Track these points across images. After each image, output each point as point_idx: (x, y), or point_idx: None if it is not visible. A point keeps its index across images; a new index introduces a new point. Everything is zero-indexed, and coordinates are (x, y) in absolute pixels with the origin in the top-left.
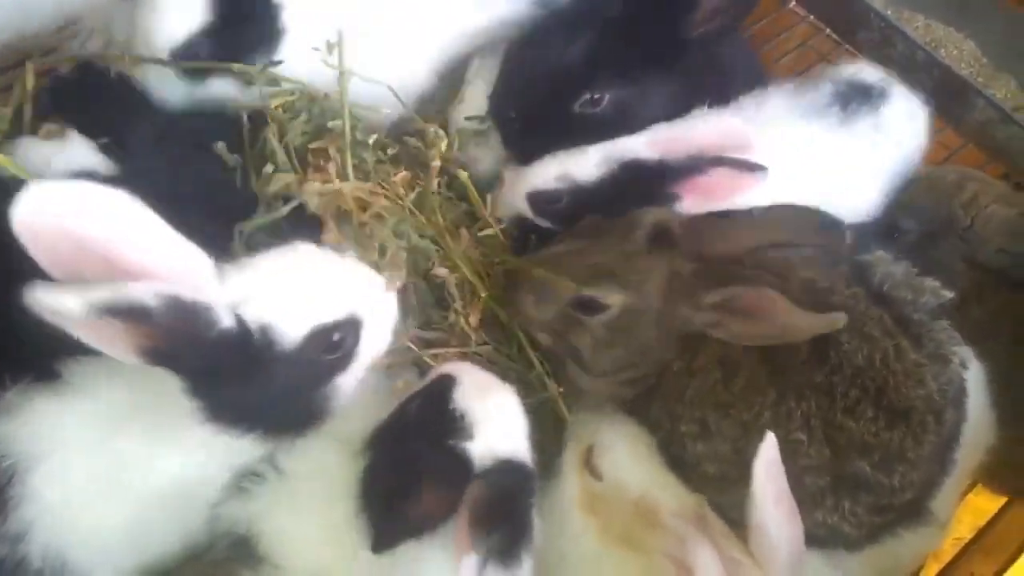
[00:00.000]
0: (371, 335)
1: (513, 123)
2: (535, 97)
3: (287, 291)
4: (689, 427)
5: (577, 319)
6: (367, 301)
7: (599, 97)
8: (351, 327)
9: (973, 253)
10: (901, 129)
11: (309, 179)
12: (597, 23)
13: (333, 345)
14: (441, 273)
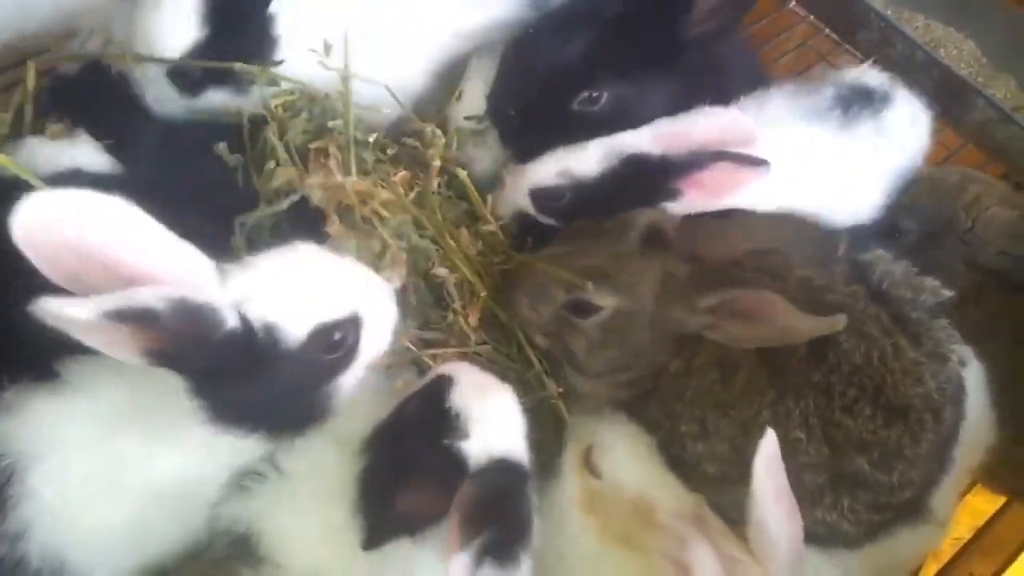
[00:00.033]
0: (372, 334)
1: (511, 122)
2: (533, 95)
3: (289, 290)
4: (688, 427)
5: (571, 321)
6: (367, 300)
7: (597, 95)
8: (352, 326)
9: (974, 255)
10: (904, 133)
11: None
12: (595, 22)
13: (335, 344)
14: (441, 273)
